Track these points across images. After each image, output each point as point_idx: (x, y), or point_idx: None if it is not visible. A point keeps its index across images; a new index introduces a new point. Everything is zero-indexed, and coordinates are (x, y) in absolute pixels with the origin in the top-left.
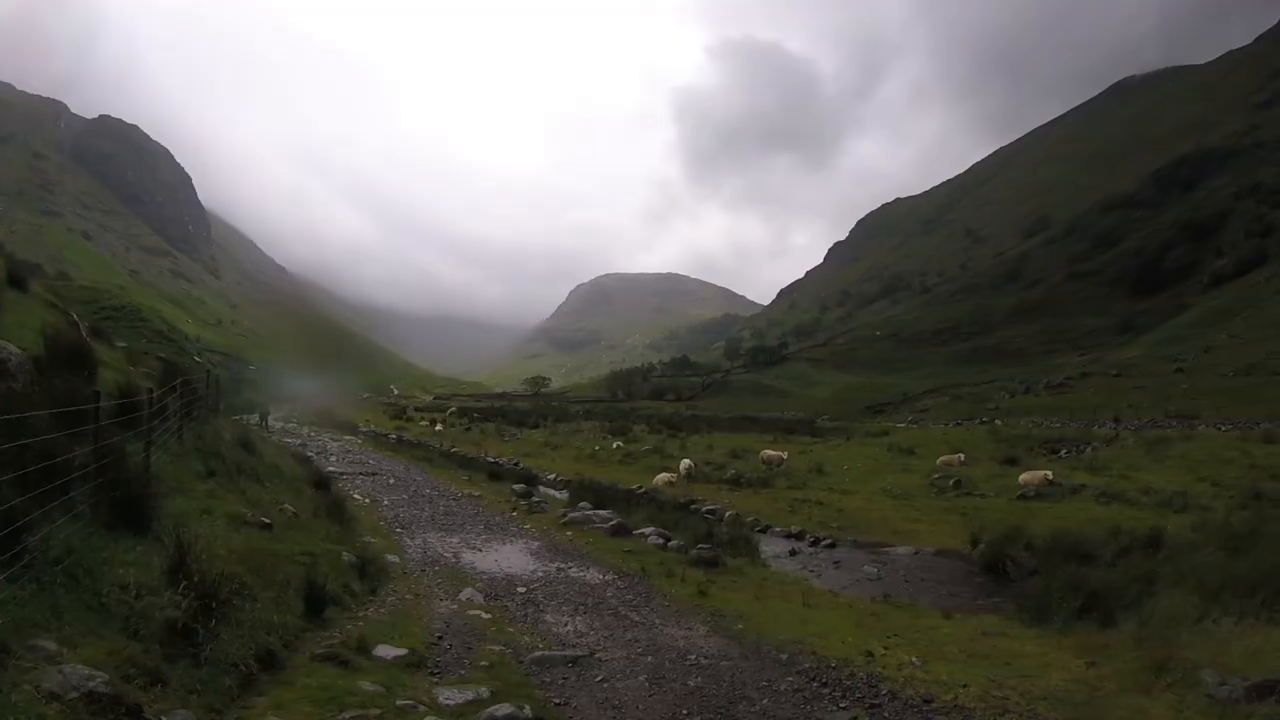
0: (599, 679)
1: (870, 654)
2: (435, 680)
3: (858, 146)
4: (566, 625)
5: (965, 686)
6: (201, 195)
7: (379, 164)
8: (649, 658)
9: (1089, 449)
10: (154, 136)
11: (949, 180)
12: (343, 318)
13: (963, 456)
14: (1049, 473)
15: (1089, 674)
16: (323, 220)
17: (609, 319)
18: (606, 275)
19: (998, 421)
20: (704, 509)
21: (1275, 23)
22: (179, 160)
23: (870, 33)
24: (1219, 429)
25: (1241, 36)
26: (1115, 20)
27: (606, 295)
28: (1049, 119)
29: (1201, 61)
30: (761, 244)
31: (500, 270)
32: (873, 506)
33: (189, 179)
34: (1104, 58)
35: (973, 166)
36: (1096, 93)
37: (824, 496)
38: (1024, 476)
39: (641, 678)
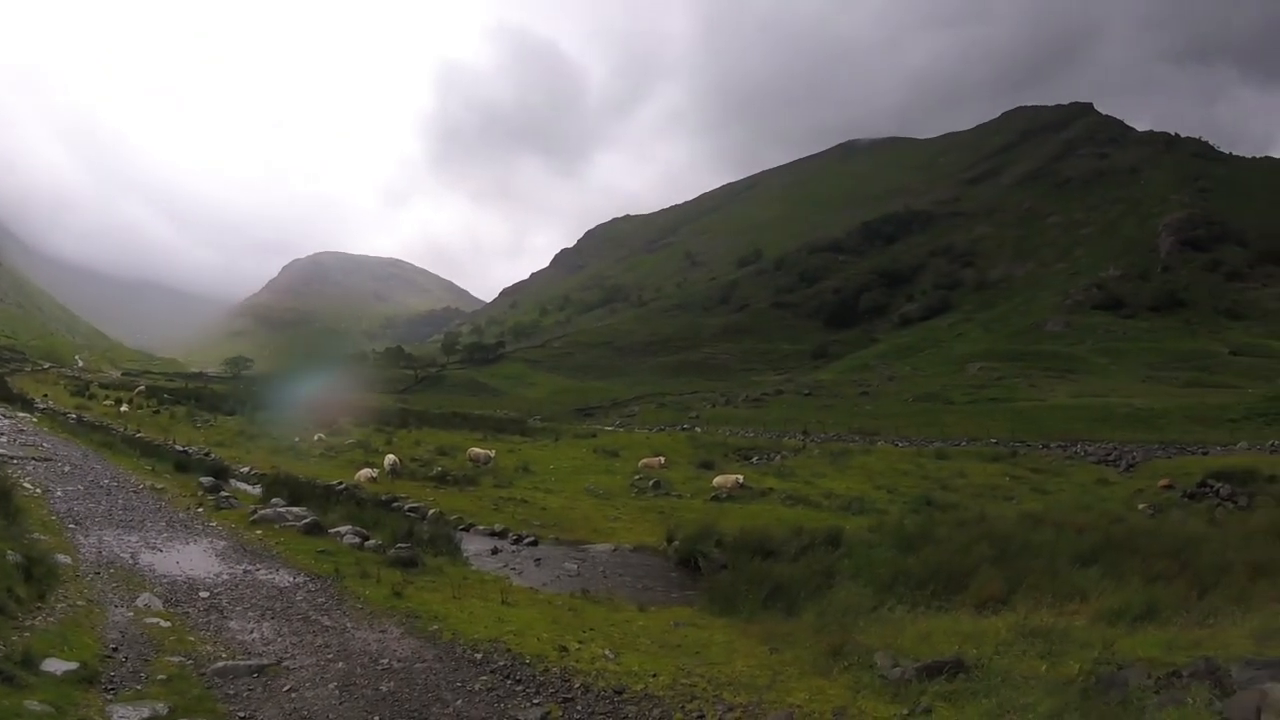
0: (286, 689)
1: (565, 649)
2: (109, 697)
3: (607, 159)
4: (253, 632)
5: (655, 676)
6: None
7: (98, 99)
8: (340, 664)
9: (779, 457)
10: None
11: (678, 205)
12: (27, 271)
13: (663, 460)
14: (741, 477)
15: (772, 660)
16: (22, 154)
17: (324, 300)
18: (326, 253)
19: (698, 429)
20: (406, 507)
21: (996, 115)
22: None
23: (647, 50)
24: (897, 445)
25: (965, 122)
26: (862, 89)
27: (324, 274)
28: (778, 164)
29: (923, 137)
30: (498, 240)
31: (213, 234)
32: (575, 505)
33: None
34: (842, 119)
35: (702, 195)
36: (825, 148)
37: (529, 495)
38: (718, 479)
39: (332, 685)
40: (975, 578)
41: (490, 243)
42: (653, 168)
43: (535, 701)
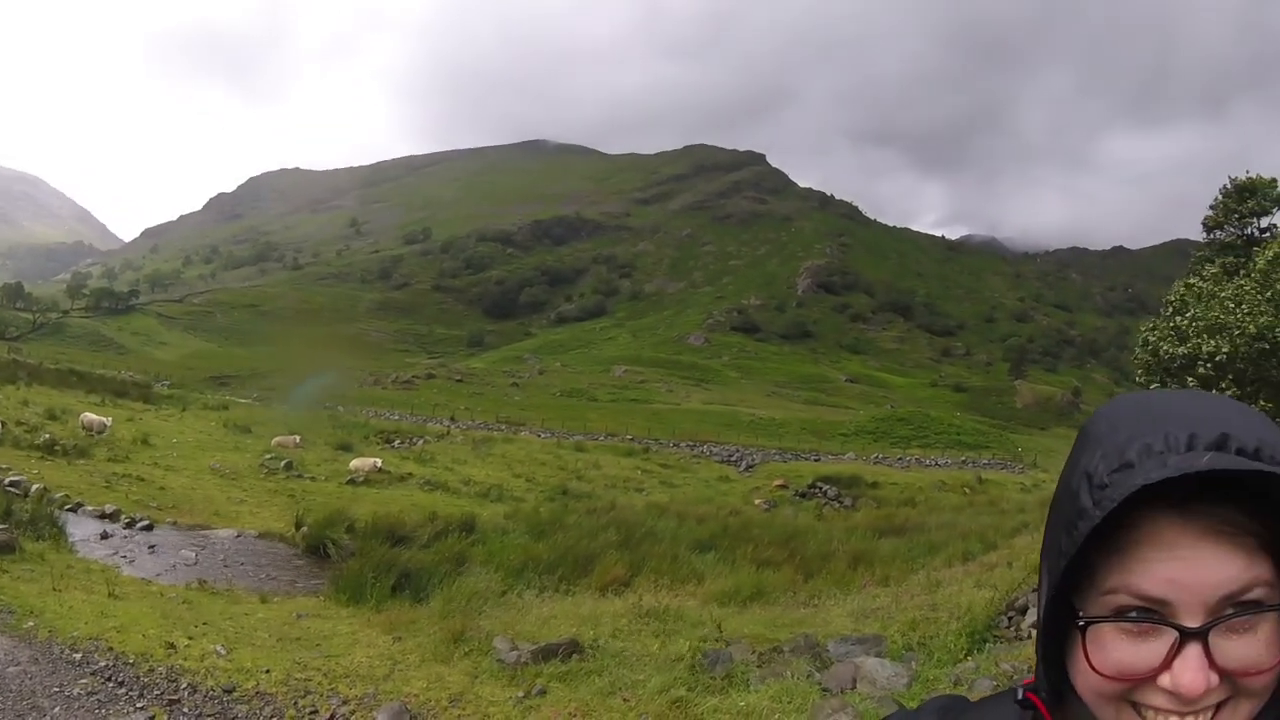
0: None
1: (173, 646)
2: None
3: (296, 103)
4: None
5: (268, 672)
6: None
7: None
8: None
9: (421, 442)
10: None
11: (356, 168)
12: None
13: (299, 439)
14: (379, 461)
15: (394, 649)
16: None
17: None
18: None
19: (340, 408)
20: (7, 481)
21: (678, 147)
22: None
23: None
24: (540, 436)
25: (650, 147)
26: (570, 93)
27: None
28: (467, 147)
29: (609, 152)
30: (152, 171)
31: None
32: (198, 485)
33: None
34: (541, 117)
35: (383, 162)
36: (515, 142)
37: (147, 472)
38: (355, 463)
39: None
40: (601, 562)
41: (143, 173)
42: (342, 122)
43: (139, 705)
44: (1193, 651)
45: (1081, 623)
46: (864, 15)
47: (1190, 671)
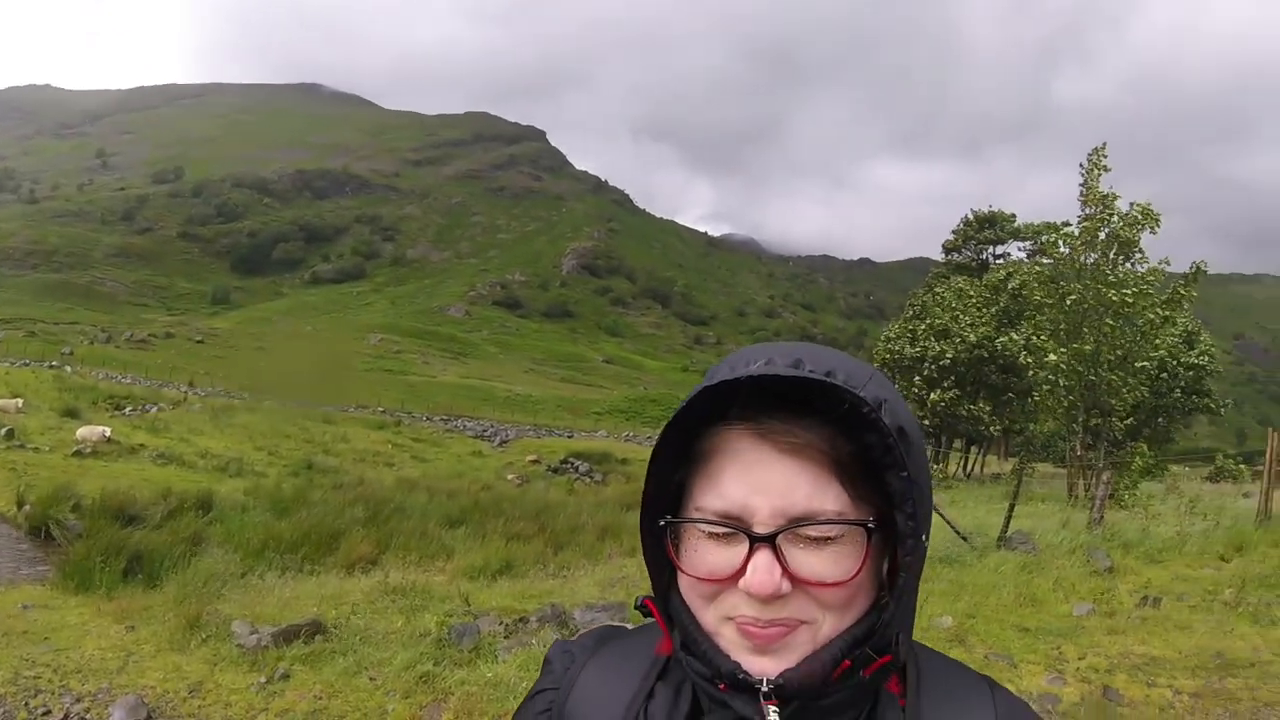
0: None
1: None
2: None
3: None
4: None
5: None
6: None
7: None
8: None
9: (155, 409)
10: None
11: (110, 91)
12: None
13: (21, 403)
14: (108, 429)
15: (128, 639)
16: None
17: None
18: None
19: (69, 369)
20: None
21: (460, 111)
22: None
23: None
24: (285, 406)
25: (431, 107)
26: (362, 42)
27: None
28: (239, 81)
29: (387, 107)
30: None
31: None
32: None
33: None
34: (324, 60)
35: (142, 88)
36: (290, 83)
37: None
38: (81, 431)
39: None
40: (347, 539)
41: None
42: (110, 38)
43: None
44: (763, 556)
45: (662, 523)
46: (671, 17)
47: (760, 573)
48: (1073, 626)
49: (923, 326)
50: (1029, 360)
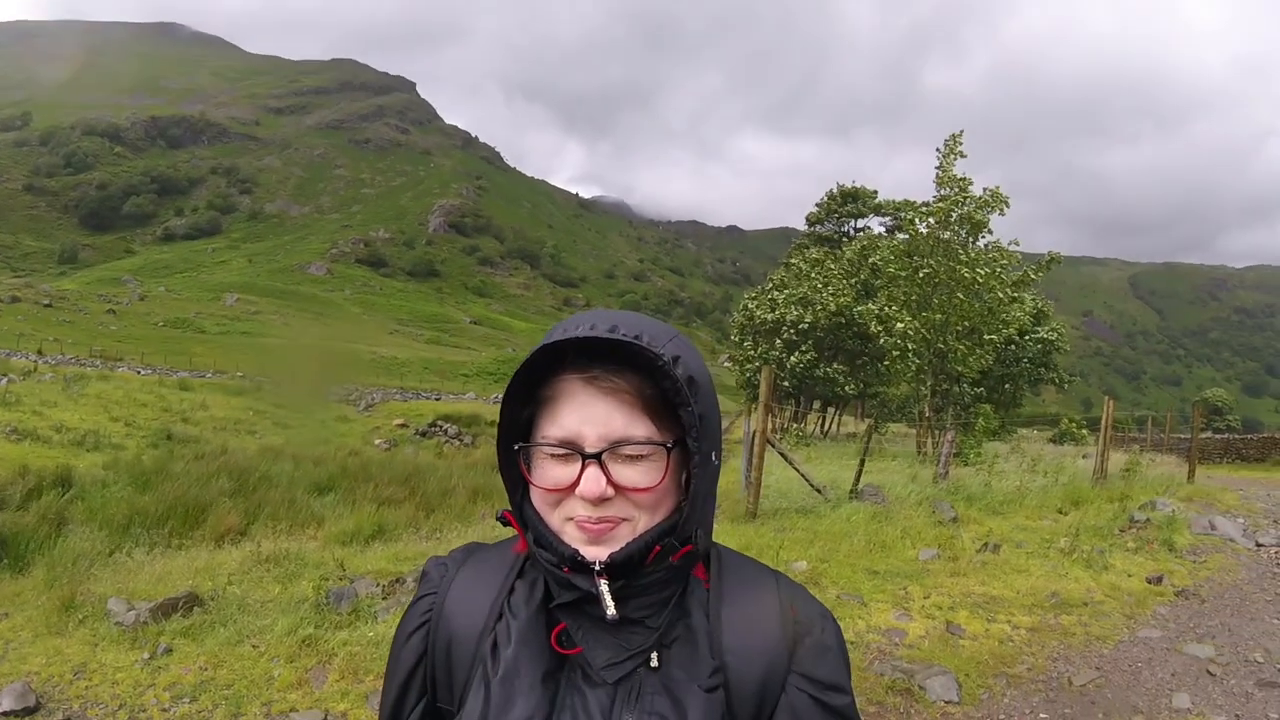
0: None
1: None
2: None
3: None
4: None
5: None
6: None
7: None
8: None
9: (5, 381)
10: None
11: None
12: None
13: None
14: None
15: (3, 626)
16: None
17: None
18: None
19: None
20: None
21: (326, 58)
22: None
23: None
24: (140, 373)
25: (296, 52)
26: None
27: None
28: (90, 20)
29: (250, 50)
30: None
31: None
32: None
33: None
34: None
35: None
36: (147, 21)
37: None
38: None
39: None
40: (214, 511)
41: None
42: None
43: None
44: (592, 469)
45: (516, 448)
46: None
47: (590, 481)
48: (918, 570)
49: (782, 296)
50: (880, 329)
